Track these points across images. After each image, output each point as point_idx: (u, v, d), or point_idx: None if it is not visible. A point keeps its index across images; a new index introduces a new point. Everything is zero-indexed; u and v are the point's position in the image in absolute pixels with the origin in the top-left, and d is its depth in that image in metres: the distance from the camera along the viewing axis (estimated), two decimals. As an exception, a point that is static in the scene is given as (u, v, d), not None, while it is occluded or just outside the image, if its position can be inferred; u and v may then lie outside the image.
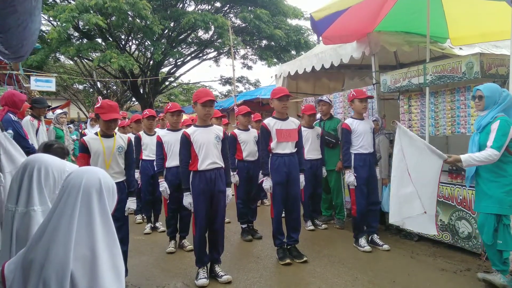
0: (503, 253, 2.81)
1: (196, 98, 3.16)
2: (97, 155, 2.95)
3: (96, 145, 2.96)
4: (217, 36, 15.28)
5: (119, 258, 1.24)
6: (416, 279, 3.15)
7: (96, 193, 1.23)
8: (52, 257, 1.13)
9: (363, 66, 6.07)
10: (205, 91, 3.27)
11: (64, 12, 11.40)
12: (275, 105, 3.62)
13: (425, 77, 3.93)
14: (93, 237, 1.18)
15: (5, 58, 2.53)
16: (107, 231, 1.22)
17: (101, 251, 1.18)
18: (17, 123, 3.93)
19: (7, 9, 1.31)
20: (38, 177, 1.50)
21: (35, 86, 7.81)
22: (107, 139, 3.00)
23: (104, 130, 3.02)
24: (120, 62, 12.28)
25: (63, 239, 1.15)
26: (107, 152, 2.96)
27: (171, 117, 4.09)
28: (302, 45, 15.67)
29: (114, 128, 3.05)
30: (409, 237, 4.12)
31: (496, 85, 2.96)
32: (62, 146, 2.14)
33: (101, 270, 1.16)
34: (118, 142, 3.05)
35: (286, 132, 3.59)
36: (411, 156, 3.02)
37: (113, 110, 2.96)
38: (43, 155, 1.62)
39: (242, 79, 20.70)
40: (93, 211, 1.20)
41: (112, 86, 20.99)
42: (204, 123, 3.24)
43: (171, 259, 3.85)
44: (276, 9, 15.55)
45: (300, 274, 3.34)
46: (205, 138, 3.15)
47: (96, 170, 1.33)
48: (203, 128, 3.21)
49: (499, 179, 2.83)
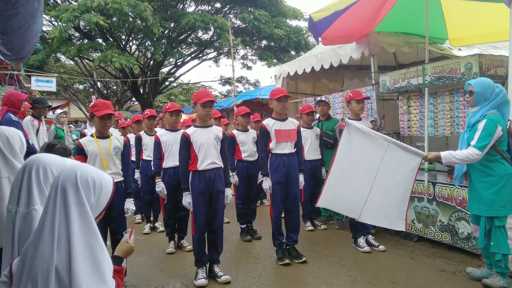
0: (495, 255, 2.78)
1: (196, 98, 3.18)
2: (94, 157, 2.96)
3: (92, 146, 2.97)
4: (217, 37, 15.30)
5: (100, 251, 1.22)
6: (415, 280, 3.16)
7: (71, 187, 1.23)
8: (38, 255, 1.17)
9: (362, 66, 6.09)
10: (205, 92, 3.30)
11: (66, 12, 11.45)
12: (274, 106, 3.64)
13: (424, 77, 3.95)
14: (68, 231, 1.18)
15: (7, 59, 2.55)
16: (84, 224, 1.21)
17: (76, 244, 1.17)
18: (17, 123, 3.93)
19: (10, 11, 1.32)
20: (37, 177, 1.52)
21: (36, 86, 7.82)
22: (103, 140, 3.02)
23: (100, 129, 3.02)
24: (121, 61, 12.32)
25: (47, 237, 1.18)
26: (103, 153, 2.98)
27: (170, 117, 4.10)
28: (302, 46, 15.69)
29: (109, 125, 3.04)
30: (408, 238, 4.14)
31: (489, 81, 2.86)
32: (64, 146, 2.16)
33: (76, 262, 1.15)
34: (114, 143, 3.07)
35: (285, 133, 3.61)
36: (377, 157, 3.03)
37: (106, 107, 2.94)
38: (42, 155, 1.63)
39: (242, 79, 20.73)
40: (69, 205, 1.21)
41: (112, 86, 21.00)
42: (204, 124, 3.26)
43: (170, 259, 3.87)
44: (276, 10, 15.57)
45: (300, 275, 3.35)
46: (204, 139, 3.17)
47: (76, 165, 1.33)
48: (202, 129, 3.24)
49: (486, 178, 2.80)
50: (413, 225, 4.07)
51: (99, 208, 1.31)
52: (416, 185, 4.03)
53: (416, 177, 3.08)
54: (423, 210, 3.97)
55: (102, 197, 1.31)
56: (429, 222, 3.91)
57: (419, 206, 4.00)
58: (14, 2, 1.25)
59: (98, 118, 2.92)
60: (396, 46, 4.78)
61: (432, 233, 3.87)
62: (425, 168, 3.96)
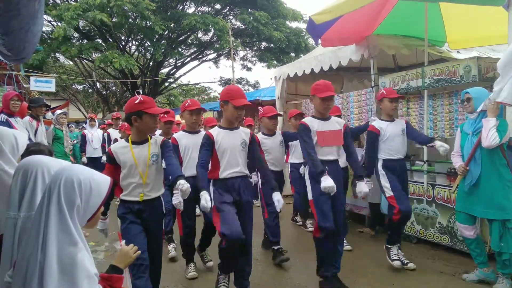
0: (503, 255, 2.80)
1: (229, 97, 2.69)
2: (129, 167, 2.38)
3: (125, 154, 2.40)
4: (217, 38, 15.33)
5: (76, 256, 1.17)
6: (414, 282, 3.16)
7: (55, 190, 1.22)
8: (25, 259, 1.17)
9: (362, 68, 6.10)
10: (240, 92, 2.81)
11: (68, 11, 11.46)
12: (316, 104, 3.04)
13: (423, 80, 3.96)
14: (46, 235, 1.17)
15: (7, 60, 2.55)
16: (62, 228, 1.18)
17: (49, 249, 1.15)
18: (4, 123, 3.89)
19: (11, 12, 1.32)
20: (43, 180, 1.49)
21: (35, 87, 7.83)
22: (139, 147, 2.42)
23: (147, 129, 2.43)
24: (122, 62, 12.34)
25: (33, 241, 1.18)
26: (140, 163, 2.39)
27: (190, 116, 3.38)
28: (302, 48, 15.73)
29: (155, 127, 2.52)
30: (408, 240, 4.14)
31: (483, 88, 3.00)
32: (49, 148, 2.12)
33: (47, 267, 1.13)
34: (152, 150, 2.44)
35: (329, 134, 2.96)
36: None
37: (155, 105, 2.43)
38: (40, 157, 1.60)
39: (242, 80, 20.75)
40: (50, 209, 1.20)
41: (111, 87, 20.99)
42: (230, 125, 2.80)
43: (172, 263, 3.81)
44: (276, 12, 15.61)
45: (300, 277, 3.35)
46: (229, 143, 2.72)
47: (66, 167, 1.31)
48: (228, 131, 2.76)
49: (503, 182, 2.84)
50: (412, 227, 4.07)
51: (90, 210, 1.27)
52: (415, 187, 4.04)
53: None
54: (422, 212, 3.97)
55: (93, 199, 1.26)
56: (428, 224, 3.91)
57: (419, 208, 4.00)
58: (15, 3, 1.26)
59: (150, 116, 2.36)
60: (395, 49, 4.79)
61: (432, 235, 3.88)
62: (424, 170, 3.97)
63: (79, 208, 1.23)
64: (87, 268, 1.19)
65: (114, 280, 1.37)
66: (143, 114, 2.34)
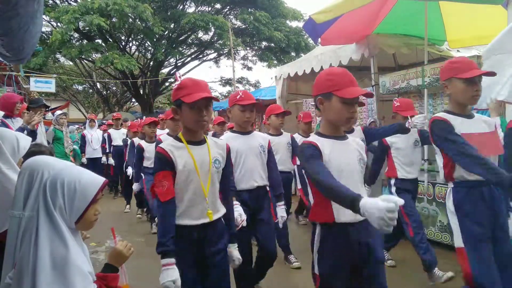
0: None
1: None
2: (187, 175, 1.72)
3: (182, 156, 1.72)
4: (217, 38, 15.34)
5: (69, 257, 1.16)
6: (415, 281, 3.16)
7: (42, 191, 1.23)
8: (21, 256, 1.19)
9: (362, 67, 6.09)
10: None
11: (66, 13, 11.47)
12: (459, 91, 2.04)
13: (424, 79, 3.96)
14: (37, 236, 1.18)
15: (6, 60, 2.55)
16: (53, 230, 1.19)
17: (41, 249, 1.16)
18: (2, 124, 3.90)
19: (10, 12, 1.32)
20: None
21: (35, 87, 7.84)
22: (197, 147, 1.77)
23: (191, 126, 1.75)
24: (123, 62, 12.36)
25: (27, 241, 1.20)
26: (201, 168, 1.74)
27: (242, 112, 2.55)
28: (302, 47, 15.73)
29: (208, 120, 1.76)
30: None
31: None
32: (49, 149, 2.13)
33: (38, 268, 1.14)
34: (213, 152, 1.81)
35: (480, 138, 1.96)
36: None
37: (202, 89, 1.71)
38: (47, 158, 1.60)
39: (242, 80, 20.77)
40: (39, 210, 1.21)
41: (112, 87, 21.01)
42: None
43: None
44: (276, 11, 15.62)
45: (304, 280, 3.35)
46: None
47: (56, 168, 1.30)
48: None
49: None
50: (413, 226, 4.07)
51: (75, 213, 1.26)
52: (416, 186, 4.04)
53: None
54: (423, 210, 3.97)
55: (77, 201, 1.25)
56: (429, 223, 3.91)
57: (419, 206, 4.00)
58: (14, 3, 1.26)
59: (189, 106, 1.68)
60: (395, 48, 4.79)
61: (432, 233, 3.87)
62: (425, 169, 3.96)
63: (62, 209, 1.24)
64: (79, 266, 1.19)
65: (109, 279, 1.36)
66: (180, 105, 1.73)
